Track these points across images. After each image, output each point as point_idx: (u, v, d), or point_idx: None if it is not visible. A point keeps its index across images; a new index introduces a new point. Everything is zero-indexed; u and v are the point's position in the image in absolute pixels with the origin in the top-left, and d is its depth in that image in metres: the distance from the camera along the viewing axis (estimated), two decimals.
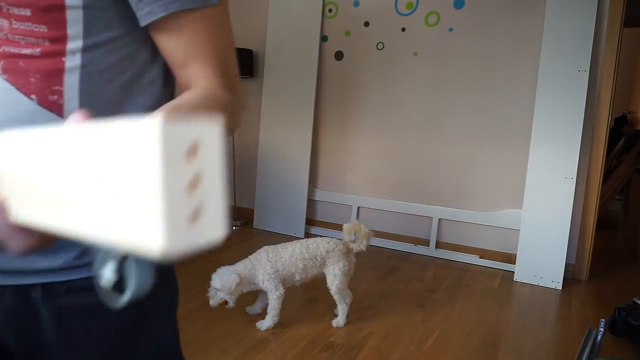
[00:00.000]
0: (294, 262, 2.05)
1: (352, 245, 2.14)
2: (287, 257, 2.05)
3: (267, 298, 2.08)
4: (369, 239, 2.15)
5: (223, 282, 1.94)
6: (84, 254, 0.57)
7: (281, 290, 2.05)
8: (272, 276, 2.02)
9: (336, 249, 2.09)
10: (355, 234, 2.14)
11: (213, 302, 1.97)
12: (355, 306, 2.34)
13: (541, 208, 2.75)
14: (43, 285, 0.56)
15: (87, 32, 0.53)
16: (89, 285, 0.55)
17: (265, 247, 2.10)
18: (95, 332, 0.58)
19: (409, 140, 3.26)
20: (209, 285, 2.53)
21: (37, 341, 0.58)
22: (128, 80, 0.57)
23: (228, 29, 0.60)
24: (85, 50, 0.53)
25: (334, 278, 2.08)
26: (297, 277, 2.08)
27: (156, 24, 0.55)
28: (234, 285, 1.94)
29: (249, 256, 2.09)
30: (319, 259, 2.09)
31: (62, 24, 0.51)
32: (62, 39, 0.52)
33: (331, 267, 2.09)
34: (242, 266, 2.03)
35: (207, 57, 0.57)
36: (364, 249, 2.15)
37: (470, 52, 2.97)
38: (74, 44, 0.53)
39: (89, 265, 0.57)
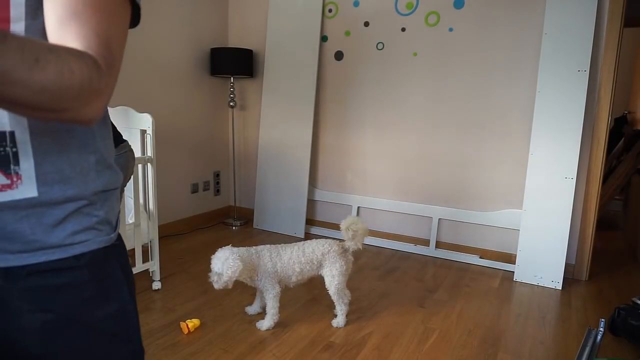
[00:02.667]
0: (291, 265, 2.05)
1: (348, 245, 2.14)
2: (286, 259, 2.05)
3: (265, 297, 2.08)
4: (364, 236, 2.14)
5: (226, 268, 1.91)
6: (41, 239, 0.59)
7: (277, 289, 2.05)
8: (271, 275, 2.03)
9: (332, 250, 2.09)
10: (352, 231, 2.12)
11: (218, 285, 1.94)
12: (355, 306, 2.34)
13: (541, 208, 2.75)
14: (3, 269, 0.58)
15: (29, 14, 0.52)
16: (51, 267, 0.59)
17: (268, 246, 2.10)
18: (61, 309, 0.61)
19: (408, 140, 3.26)
20: (208, 286, 2.54)
21: (4, 325, 0.60)
22: None
23: (122, 18, 0.57)
24: (27, 32, 0.53)
25: (332, 279, 2.08)
26: (293, 279, 2.08)
27: None
28: (238, 273, 1.93)
29: (254, 247, 2.08)
30: (315, 262, 2.08)
31: (5, 5, 0.52)
32: (5, 20, 0.52)
33: (328, 269, 2.09)
34: (247, 253, 2.01)
35: (90, 19, 0.53)
36: (360, 247, 2.14)
37: (470, 52, 2.98)
38: (17, 25, 0.53)
39: (48, 249, 0.59)
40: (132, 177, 2.31)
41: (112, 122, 1.83)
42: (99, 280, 0.65)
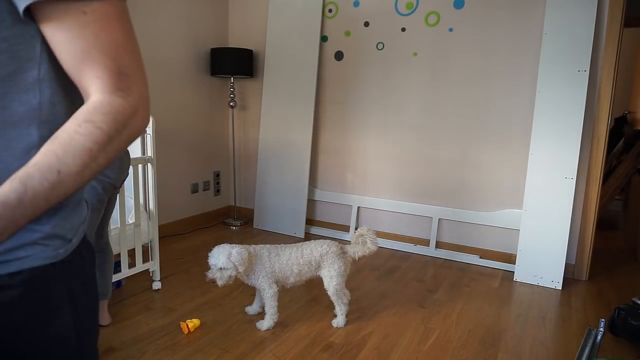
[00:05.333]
0: (289, 266, 2.05)
1: (347, 248, 2.14)
2: (284, 260, 2.05)
3: (263, 297, 2.08)
4: (367, 253, 2.13)
5: (235, 260, 1.91)
6: None
7: (274, 288, 2.05)
8: (269, 275, 2.03)
9: (330, 251, 2.09)
10: (361, 241, 2.13)
11: (222, 282, 1.93)
12: (355, 306, 2.34)
13: (541, 208, 2.75)
14: None
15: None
16: None
17: (268, 246, 2.10)
18: None
19: (409, 140, 3.26)
20: (208, 287, 2.54)
21: None
22: (7, 75, 0.55)
23: (123, 24, 0.57)
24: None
25: (331, 280, 2.08)
26: (291, 280, 2.09)
27: (39, 14, 0.54)
28: (247, 258, 1.93)
29: (251, 245, 2.08)
30: (314, 264, 2.08)
31: None
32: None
33: (326, 270, 2.08)
34: (244, 248, 2.01)
35: (96, 55, 0.55)
36: (356, 258, 2.14)
37: (470, 52, 2.98)
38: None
39: None
40: (132, 177, 2.31)
41: None
42: (35, 301, 0.59)
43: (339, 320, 2.14)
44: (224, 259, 1.92)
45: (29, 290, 0.58)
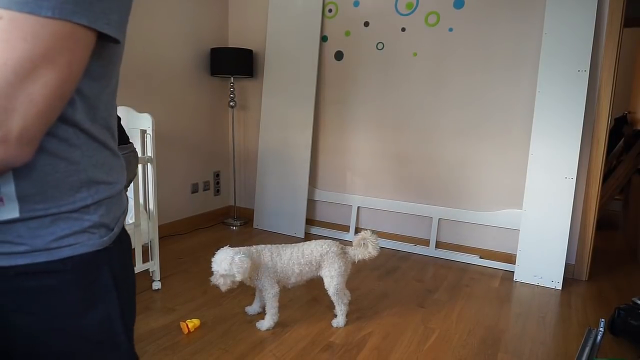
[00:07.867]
0: (290, 266, 2.05)
1: (348, 249, 2.14)
2: (285, 259, 2.05)
3: (264, 297, 2.08)
4: (367, 257, 2.13)
5: (236, 268, 1.90)
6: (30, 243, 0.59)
7: (276, 288, 2.05)
8: (271, 275, 2.03)
9: (330, 251, 2.08)
10: (363, 244, 2.13)
11: (225, 287, 1.94)
12: (355, 306, 2.34)
13: (541, 208, 2.75)
14: None
15: None
16: (36, 270, 0.60)
17: (269, 246, 2.10)
18: (44, 313, 0.61)
19: (409, 140, 3.26)
20: (208, 287, 2.54)
21: None
22: None
23: (34, 46, 0.48)
24: None
25: (331, 280, 2.08)
26: (292, 280, 2.09)
27: None
28: (248, 271, 1.93)
29: (253, 246, 2.08)
30: (314, 264, 2.08)
31: None
32: None
33: (327, 270, 2.08)
34: (248, 252, 2.01)
35: None
36: (356, 260, 2.13)
37: (470, 52, 2.98)
38: None
39: (34, 252, 0.60)
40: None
41: (119, 124, 1.89)
42: (84, 285, 0.64)
43: (339, 320, 2.14)
44: (225, 265, 1.91)
45: (79, 274, 0.63)
